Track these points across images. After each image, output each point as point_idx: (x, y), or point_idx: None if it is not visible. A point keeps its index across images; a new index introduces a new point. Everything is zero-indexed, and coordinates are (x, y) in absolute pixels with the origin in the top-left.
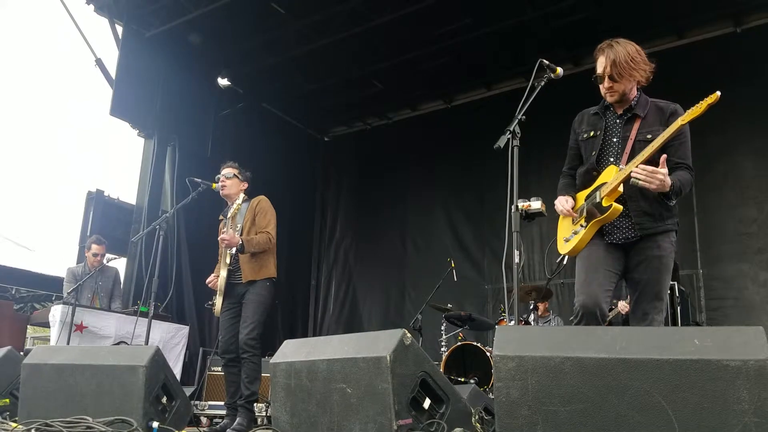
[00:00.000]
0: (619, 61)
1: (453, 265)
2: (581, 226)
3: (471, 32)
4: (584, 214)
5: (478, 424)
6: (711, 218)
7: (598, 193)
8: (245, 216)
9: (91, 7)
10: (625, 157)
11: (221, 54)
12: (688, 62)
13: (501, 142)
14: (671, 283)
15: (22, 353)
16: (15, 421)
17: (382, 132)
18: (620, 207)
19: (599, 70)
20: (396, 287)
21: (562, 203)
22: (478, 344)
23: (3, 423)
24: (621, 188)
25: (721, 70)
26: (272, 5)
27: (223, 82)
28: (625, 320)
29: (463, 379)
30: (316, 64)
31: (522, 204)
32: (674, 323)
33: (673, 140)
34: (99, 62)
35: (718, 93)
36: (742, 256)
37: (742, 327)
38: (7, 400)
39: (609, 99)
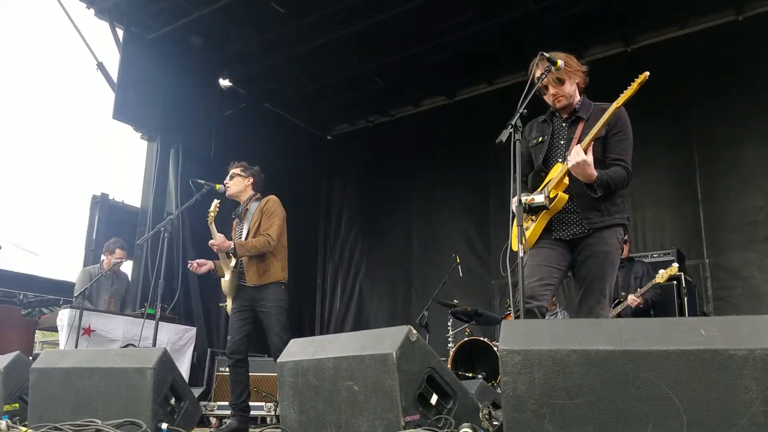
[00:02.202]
0: (561, 66)
1: (458, 260)
2: (531, 220)
3: (471, 27)
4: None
5: (485, 419)
6: (716, 207)
7: (546, 188)
8: (253, 216)
9: (92, 11)
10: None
11: (222, 54)
12: (690, 52)
13: (503, 137)
14: (678, 273)
15: (30, 358)
16: (25, 426)
17: (384, 129)
18: (566, 196)
19: (543, 82)
20: (402, 284)
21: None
22: (485, 339)
23: (13, 427)
24: (567, 180)
25: (725, 58)
26: (272, 5)
27: (224, 82)
28: (634, 313)
29: (470, 375)
30: (317, 63)
31: (525, 198)
32: (681, 314)
33: (612, 135)
34: (101, 66)
35: (647, 73)
36: (748, 245)
37: (749, 316)
38: (17, 405)
39: (558, 105)
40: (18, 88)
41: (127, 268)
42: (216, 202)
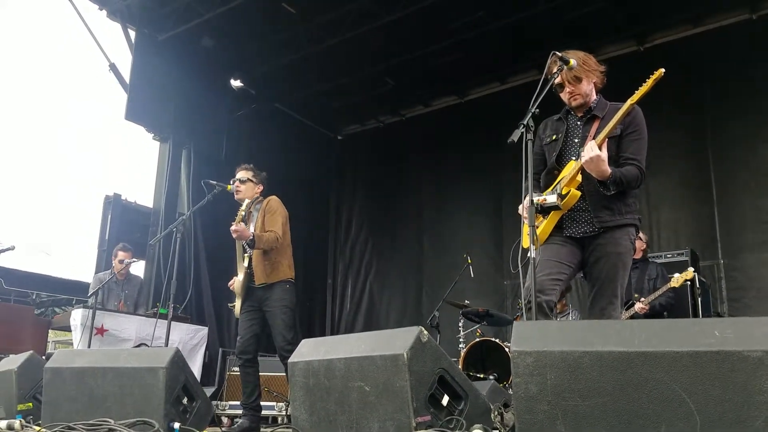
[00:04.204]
0: (574, 66)
1: (470, 261)
2: (543, 218)
3: (483, 26)
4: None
5: (497, 421)
6: (731, 207)
7: (558, 185)
8: (258, 217)
9: (104, 12)
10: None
11: (233, 55)
12: (704, 51)
13: (515, 137)
14: (693, 274)
15: (44, 357)
16: (38, 425)
17: (395, 129)
18: (578, 192)
19: (558, 80)
20: (413, 284)
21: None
22: (497, 340)
23: (27, 427)
24: (579, 177)
25: (739, 57)
26: (283, 5)
27: (235, 83)
28: (646, 315)
29: (482, 376)
30: (328, 63)
31: (537, 198)
32: (695, 315)
33: (627, 134)
34: (113, 67)
35: (662, 69)
36: (763, 246)
37: (764, 317)
38: (31, 404)
39: (573, 103)
40: (27, 87)
41: (139, 268)
42: (247, 201)
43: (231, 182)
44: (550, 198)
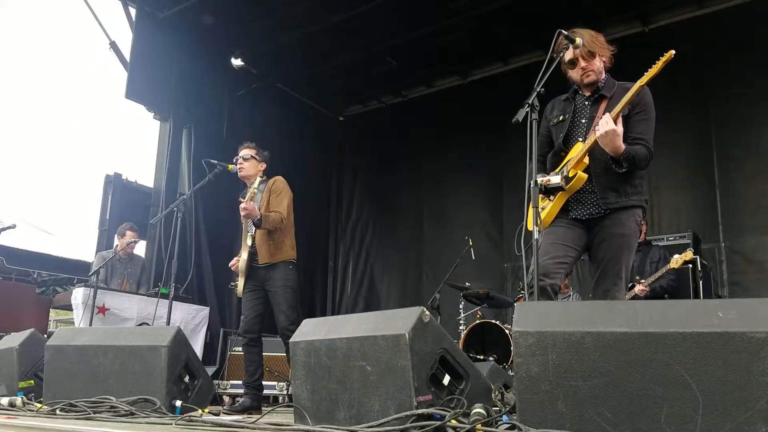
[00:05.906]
0: (587, 41)
1: (471, 243)
2: (549, 200)
3: (486, 5)
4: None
5: (498, 400)
6: (733, 191)
7: (565, 167)
8: (262, 197)
9: None
10: (591, 134)
11: (235, 34)
12: (709, 32)
13: (519, 116)
14: (693, 256)
15: (45, 336)
16: (40, 402)
17: (397, 110)
18: (585, 175)
19: (569, 56)
20: (413, 266)
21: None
22: (497, 322)
23: (28, 404)
24: (586, 160)
25: (745, 38)
26: None
27: (236, 62)
28: (648, 298)
29: (482, 357)
30: (330, 43)
31: (541, 179)
32: (696, 297)
33: (635, 114)
34: (113, 45)
35: (673, 51)
36: (764, 229)
37: (766, 299)
38: (32, 381)
39: (586, 80)
40: (26, 67)
41: (140, 248)
42: (258, 180)
43: (234, 161)
44: (554, 179)
